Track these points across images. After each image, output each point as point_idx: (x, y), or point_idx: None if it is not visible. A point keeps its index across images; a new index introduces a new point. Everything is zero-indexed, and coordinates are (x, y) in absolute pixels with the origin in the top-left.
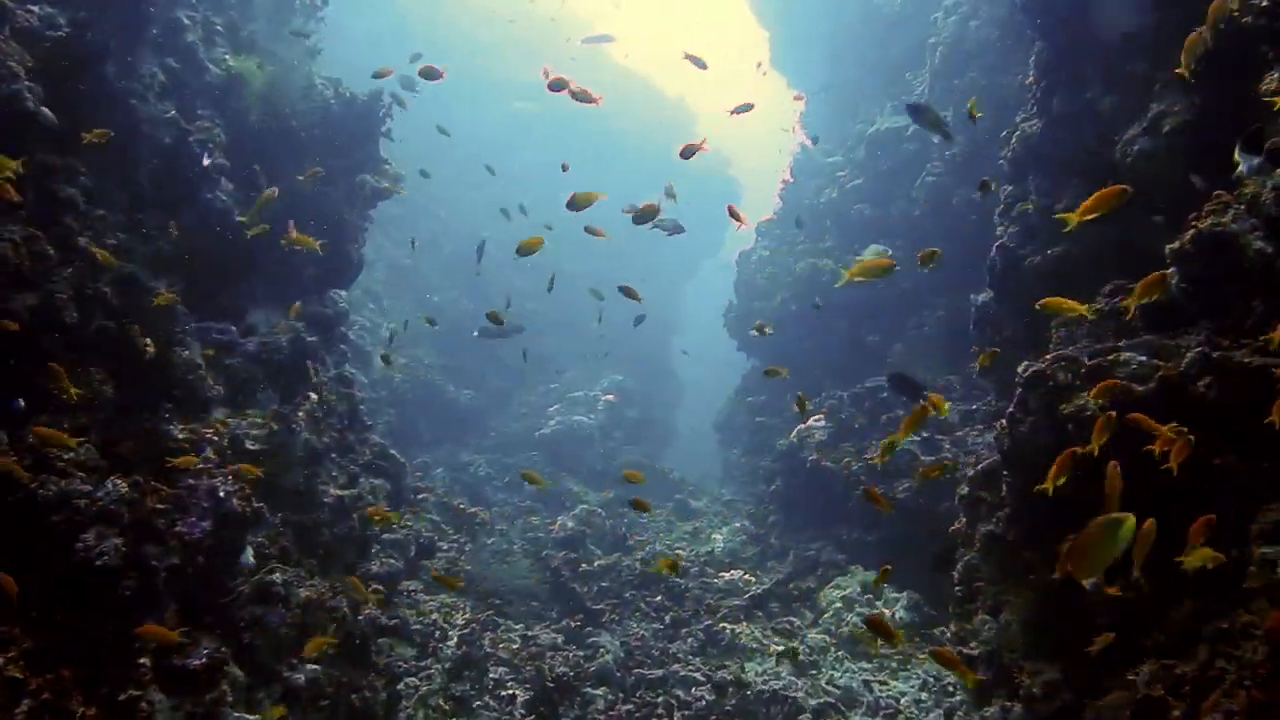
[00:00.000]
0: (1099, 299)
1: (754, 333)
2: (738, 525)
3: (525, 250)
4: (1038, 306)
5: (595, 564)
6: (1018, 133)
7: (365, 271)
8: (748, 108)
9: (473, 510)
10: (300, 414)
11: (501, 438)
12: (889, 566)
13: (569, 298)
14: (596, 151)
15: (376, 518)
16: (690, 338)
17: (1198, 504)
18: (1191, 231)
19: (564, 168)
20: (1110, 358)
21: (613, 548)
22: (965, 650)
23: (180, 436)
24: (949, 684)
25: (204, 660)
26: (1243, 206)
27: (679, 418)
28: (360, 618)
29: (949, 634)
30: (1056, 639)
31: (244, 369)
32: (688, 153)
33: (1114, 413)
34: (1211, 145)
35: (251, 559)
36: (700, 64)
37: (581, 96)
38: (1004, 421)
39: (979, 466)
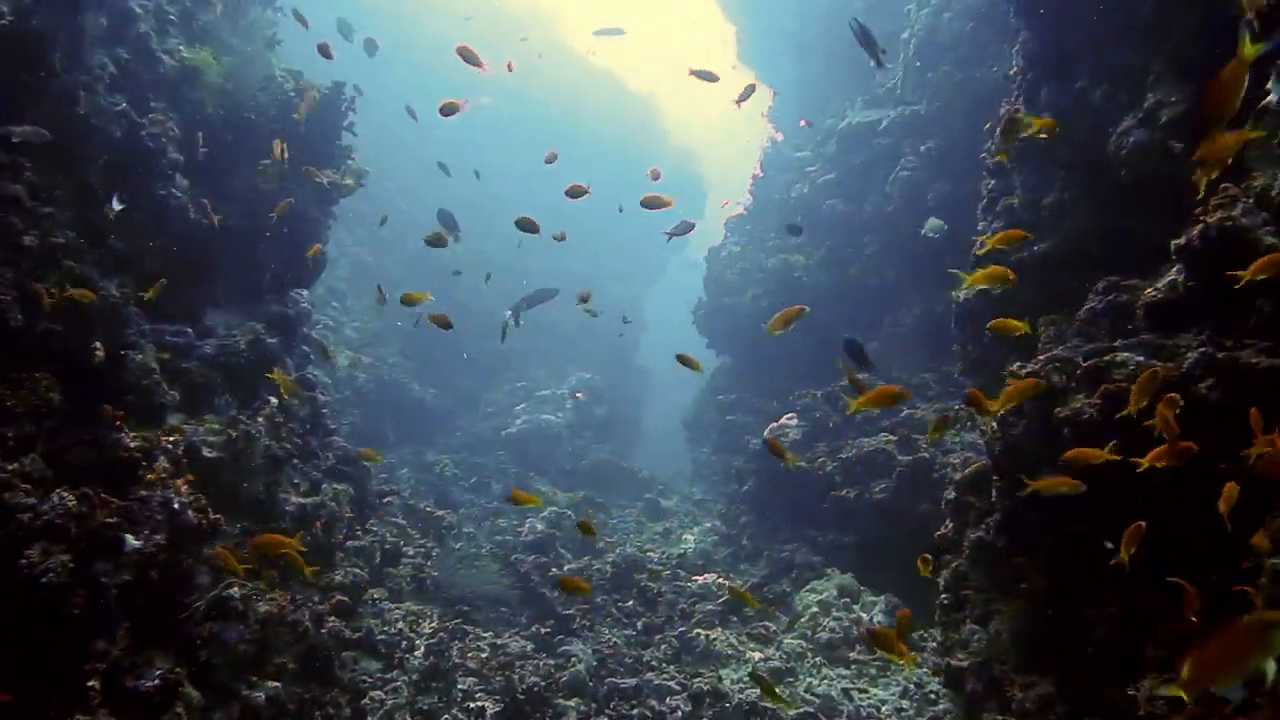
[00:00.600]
0: (1092, 296)
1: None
2: (708, 525)
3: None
4: (988, 330)
5: (565, 568)
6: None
7: (328, 269)
8: (710, 77)
9: (439, 513)
10: (260, 419)
11: (468, 437)
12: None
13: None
14: (563, 149)
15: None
16: (658, 336)
17: (1200, 512)
18: (1199, 226)
19: (550, 159)
20: (1106, 358)
21: (583, 550)
22: (953, 661)
23: (133, 445)
24: (931, 691)
25: (157, 681)
26: (1251, 200)
27: (647, 415)
28: (323, 631)
29: (934, 642)
30: (1050, 650)
31: (201, 373)
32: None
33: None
34: None
35: (136, 543)
36: (711, 78)
37: (468, 58)
38: (995, 424)
39: (967, 470)
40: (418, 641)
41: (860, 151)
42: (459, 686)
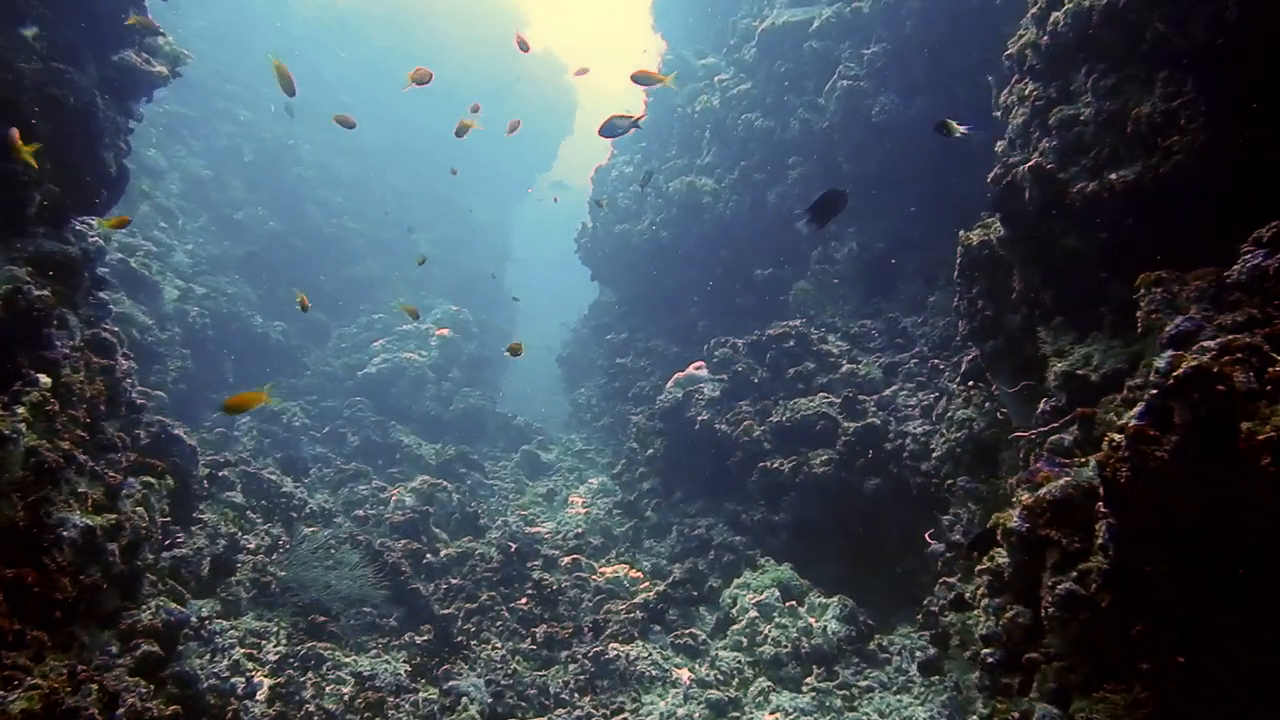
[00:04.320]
0: (1250, 250)
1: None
2: (596, 484)
3: None
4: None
5: (442, 554)
6: (1064, 9)
7: (155, 183)
8: None
9: (286, 487)
10: (21, 410)
11: (319, 377)
12: None
13: (394, 215)
14: (422, 50)
15: None
16: (526, 262)
17: None
18: None
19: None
20: None
21: (461, 528)
22: None
23: None
24: None
25: None
26: None
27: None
28: (119, 713)
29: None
30: None
31: None
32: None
33: None
34: None
35: None
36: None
37: None
38: (1120, 439)
39: (1044, 492)
40: (259, 678)
41: (787, 57)
42: None
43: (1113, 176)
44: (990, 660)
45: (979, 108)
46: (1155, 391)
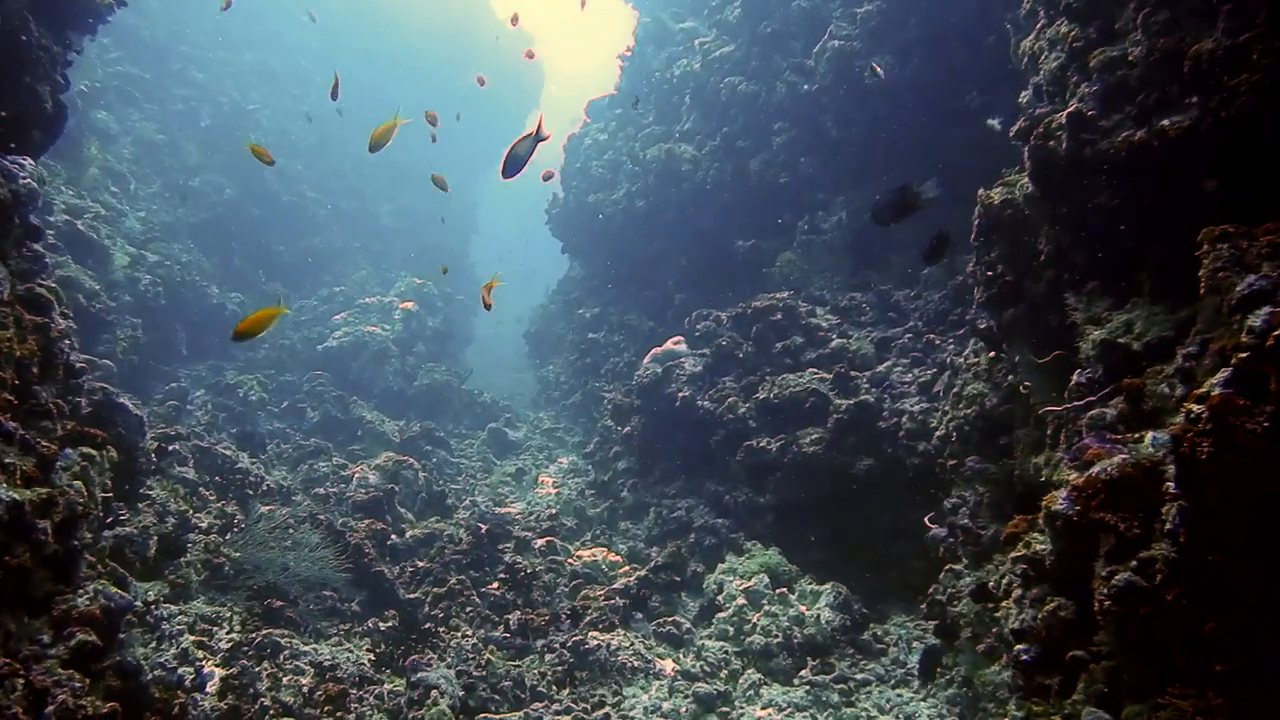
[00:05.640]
0: None
1: None
2: (567, 463)
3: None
4: None
5: (408, 535)
6: None
7: (107, 147)
8: None
9: (242, 462)
10: None
11: (277, 351)
12: None
13: (355, 185)
14: (385, 16)
15: None
16: (489, 236)
17: None
18: None
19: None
20: None
21: (427, 507)
22: None
23: None
24: None
25: None
26: None
27: (476, 323)
28: (48, 711)
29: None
30: None
31: None
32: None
33: None
34: None
35: None
36: None
37: None
38: (1201, 411)
39: (1096, 472)
40: (210, 668)
41: (773, 17)
42: None
43: (1165, 123)
44: (1025, 658)
45: (977, 68)
46: (1246, 355)
